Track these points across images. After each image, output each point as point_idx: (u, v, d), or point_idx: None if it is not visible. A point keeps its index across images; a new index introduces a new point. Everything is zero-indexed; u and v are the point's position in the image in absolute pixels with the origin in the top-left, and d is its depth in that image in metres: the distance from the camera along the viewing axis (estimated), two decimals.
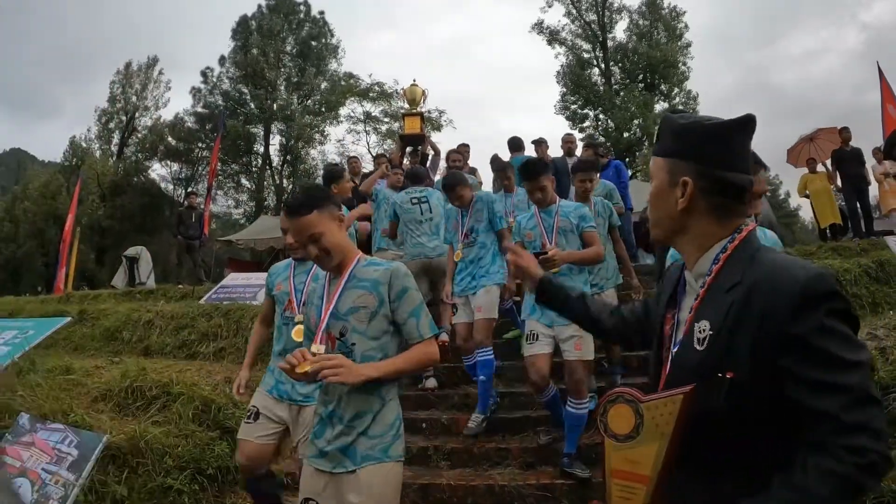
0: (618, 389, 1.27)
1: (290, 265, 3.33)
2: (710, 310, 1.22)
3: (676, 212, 1.29)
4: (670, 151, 1.32)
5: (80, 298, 10.03)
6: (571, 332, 3.96)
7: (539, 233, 4.22)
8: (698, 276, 1.29)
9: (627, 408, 1.23)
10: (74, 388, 4.87)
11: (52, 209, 27.63)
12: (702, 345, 1.19)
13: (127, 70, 32.47)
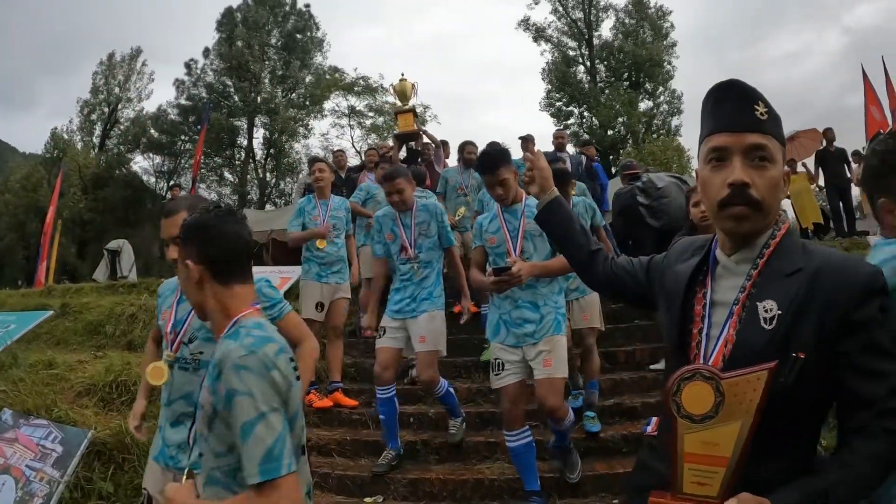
0: (693, 366, 1.22)
1: (177, 287, 2.41)
2: (773, 291, 1.23)
3: (784, 196, 1.33)
4: (781, 136, 1.30)
5: (62, 292, 9.89)
6: (539, 349, 3.48)
7: (503, 238, 3.62)
8: (743, 259, 1.30)
9: (706, 385, 1.17)
10: (58, 382, 4.83)
11: (34, 202, 27.21)
12: (769, 324, 1.20)
13: (110, 61, 32.00)
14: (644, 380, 5.32)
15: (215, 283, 1.61)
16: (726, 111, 1.29)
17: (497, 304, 3.63)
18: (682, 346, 1.33)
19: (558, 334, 3.55)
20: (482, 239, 3.73)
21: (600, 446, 4.40)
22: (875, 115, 12.35)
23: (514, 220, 3.61)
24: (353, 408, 5.24)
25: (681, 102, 31.57)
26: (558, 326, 3.56)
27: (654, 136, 30.27)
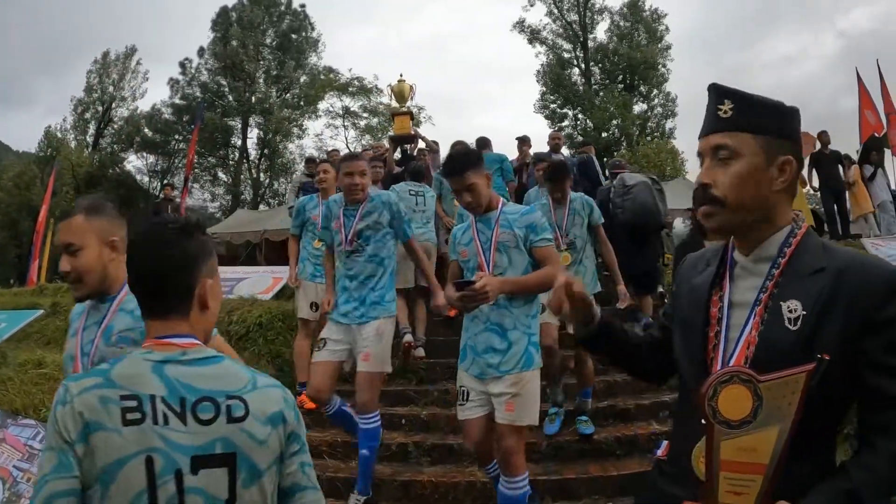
0: (730, 368, 1.18)
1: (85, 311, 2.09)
2: (796, 291, 1.21)
3: (771, 193, 1.25)
4: (765, 128, 1.25)
5: (53, 291, 9.79)
6: (503, 389, 2.95)
7: (474, 251, 3.14)
8: (760, 258, 1.27)
9: (743, 388, 1.14)
10: (47, 382, 4.77)
11: (26, 200, 27.02)
12: (794, 324, 1.18)
13: (104, 60, 31.84)
14: (638, 382, 5.29)
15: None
16: (704, 116, 1.33)
17: (466, 325, 3.19)
18: (701, 347, 1.30)
19: (528, 370, 2.98)
20: (456, 252, 3.29)
21: (594, 448, 4.39)
22: (869, 119, 12.40)
23: (487, 231, 3.10)
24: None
25: (675, 105, 31.70)
26: (529, 360, 3.00)
27: (649, 139, 30.34)
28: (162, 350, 1.34)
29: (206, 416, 1.29)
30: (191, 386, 1.30)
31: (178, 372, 1.31)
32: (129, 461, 1.23)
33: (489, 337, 3.02)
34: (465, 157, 3.09)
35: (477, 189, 3.03)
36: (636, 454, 4.36)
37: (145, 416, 1.25)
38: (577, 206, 4.72)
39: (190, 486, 1.25)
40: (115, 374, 1.29)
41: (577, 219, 4.70)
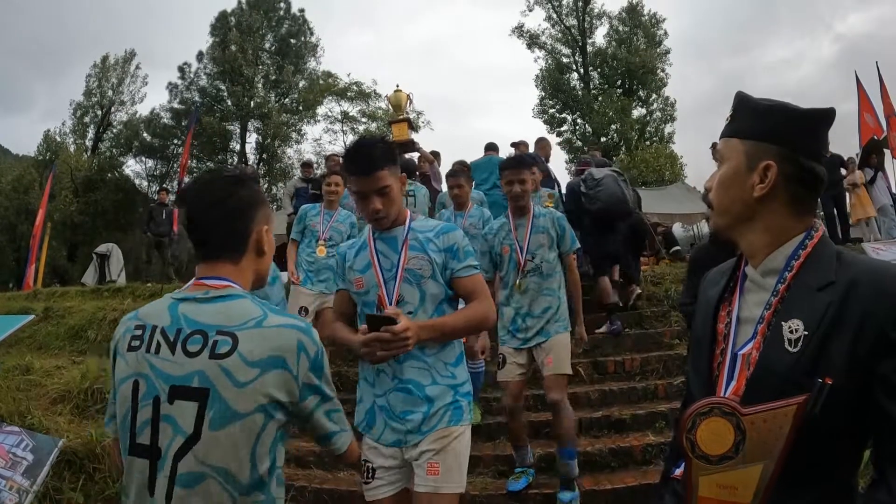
0: (710, 400, 1.11)
1: None
2: (800, 309, 1.11)
3: (751, 198, 1.19)
4: (750, 132, 1.20)
5: (47, 295, 9.78)
6: (424, 447, 2.24)
7: (373, 280, 2.35)
8: (768, 272, 1.19)
9: (724, 422, 1.07)
10: (33, 388, 4.73)
11: (25, 203, 26.99)
12: (794, 346, 1.08)
13: (104, 64, 31.84)
14: (634, 391, 5.23)
15: None
16: None
17: (370, 380, 2.36)
18: (707, 367, 1.24)
19: (456, 424, 2.30)
20: (346, 280, 2.44)
21: (586, 460, 4.28)
22: (869, 122, 12.40)
23: (391, 254, 2.33)
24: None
25: (674, 110, 31.75)
26: (457, 413, 2.31)
27: (648, 144, 30.33)
28: (192, 290, 1.43)
29: (193, 348, 1.33)
30: (192, 319, 1.37)
31: (188, 308, 1.39)
32: (123, 383, 1.37)
33: (406, 396, 2.27)
34: (375, 150, 2.26)
35: (390, 194, 2.26)
36: (631, 466, 4.28)
37: (142, 344, 1.37)
38: (545, 223, 3.94)
39: (164, 414, 1.30)
40: (143, 309, 1.46)
41: (544, 237, 3.90)
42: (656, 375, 5.53)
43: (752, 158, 1.19)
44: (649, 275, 8.09)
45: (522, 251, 3.89)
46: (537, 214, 3.97)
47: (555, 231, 3.95)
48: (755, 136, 1.20)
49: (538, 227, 3.93)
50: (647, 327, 6.50)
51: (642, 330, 6.41)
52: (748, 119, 1.22)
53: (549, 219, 3.97)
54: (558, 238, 3.95)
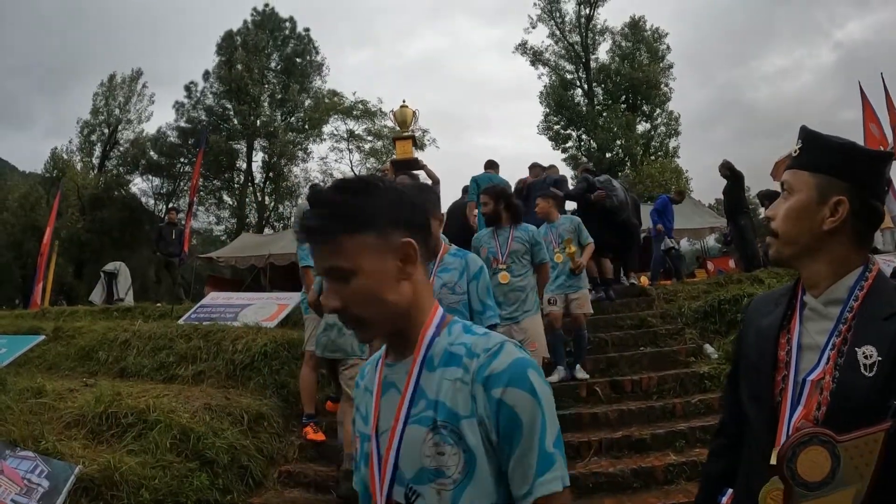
0: (809, 430, 1.15)
1: None
2: (871, 336, 1.16)
3: (820, 231, 1.23)
4: (824, 167, 1.25)
5: (56, 315, 9.73)
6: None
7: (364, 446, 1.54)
8: (830, 301, 1.23)
9: (822, 450, 1.12)
10: (46, 412, 4.65)
11: (31, 221, 27.14)
12: (870, 371, 1.13)
13: (111, 82, 32.14)
14: (652, 410, 5.16)
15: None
16: None
17: None
18: (767, 393, 1.27)
19: None
20: None
21: (609, 481, 4.22)
22: (874, 132, 12.36)
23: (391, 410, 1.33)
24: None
25: (678, 124, 31.81)
26: None
27: (653, 158, 30.33)
28: None
29: None
30: None
31: None
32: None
33: None
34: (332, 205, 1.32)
35: (360, 281, 1.26)
36: (653, 487, 4.21)
37: None
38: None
39: None
40: None
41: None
42: (673, 394, 5.48)
43: (824, 193, 1.23)
44: (661, 292, 8.05)
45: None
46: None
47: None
48: (828, 170, 1.25)
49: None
50: (661, 345, 6.45)
51: (657, 348, 6.36)
52: (819, 154, 1.27)
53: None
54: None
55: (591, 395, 5.52)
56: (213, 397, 5.07)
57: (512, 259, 4.76)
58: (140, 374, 6.30)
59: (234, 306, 8.01)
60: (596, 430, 4.95)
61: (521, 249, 4.78)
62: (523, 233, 4.84)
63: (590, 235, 6.01)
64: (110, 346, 6.93)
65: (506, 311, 4.63)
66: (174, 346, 6.47)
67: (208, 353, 6.21)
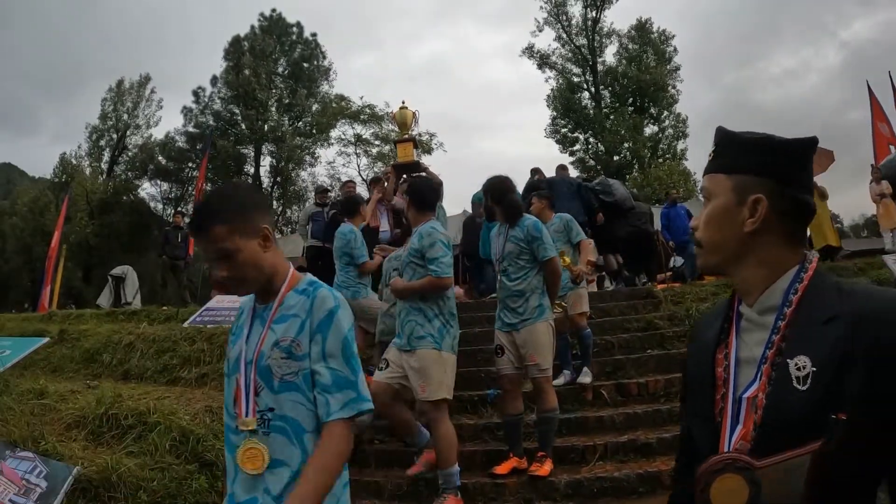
0: (723, 456, 1.07)
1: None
2: (806, 345, 1.06)
3: (743, 234, 1.15)
4: (738, 167, 1.18)
5: (62, 318, 9.74)
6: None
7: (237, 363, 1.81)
8: (765, 309, 1.14)
9: (738, 478, 1.02)
10: (47, 413, 4.64)
11: (40, 225, 27.34)
12: (803, 384, 1.03)
13: (119, 88, 32.40)
14: (658, 413, 5.08)
15: None
16: None
17: None
18: (709, 414, 1.17)
19: None
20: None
21: (614, 486, 4.15)
22: (883, 131, 12.30)
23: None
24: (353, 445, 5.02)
25: (686, 126, 31.72)
26: None
27: (660, 161, 30.22)
28: None
29: None
30: None
31: None
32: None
33: None
34: (212, 203, 1.76)
35: (237, 258, 1.68)
36: (659, 492, 4.11)
37: None
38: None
39: None
40: None
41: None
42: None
43: (741, 193, 1.16)
44: (669, 294, 7.97)
45: None
46: None
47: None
48: (742, 170, 1.18)
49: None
50: (668, 348, 6.35)
51: (664, 350, 6.26)
52: (733, 154, 1.20)
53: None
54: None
55: (596, 398, 5.44)
56: (214, 399, 5.02)
57: (508, 261, 4.41)
58: (143, 376, 6.28)
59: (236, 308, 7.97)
60: (601, 433, 4.87)
61: (516, 250, 4.37)
62: (519, 231, 4.41)
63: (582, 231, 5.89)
64: (115, 348, 6.92)
65: (507, 317, 4.38)
66: (178, 349, 6.45)
67: (212, 355, 6.17)
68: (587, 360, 5.68)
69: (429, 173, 8.67)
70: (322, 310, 1.72)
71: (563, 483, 4.15)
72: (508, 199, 4.52)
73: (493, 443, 4.84)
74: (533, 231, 4.37)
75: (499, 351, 4.37)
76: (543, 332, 4.30)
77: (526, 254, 4.37)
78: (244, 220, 1.71)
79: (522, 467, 4.30)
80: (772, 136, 1.18)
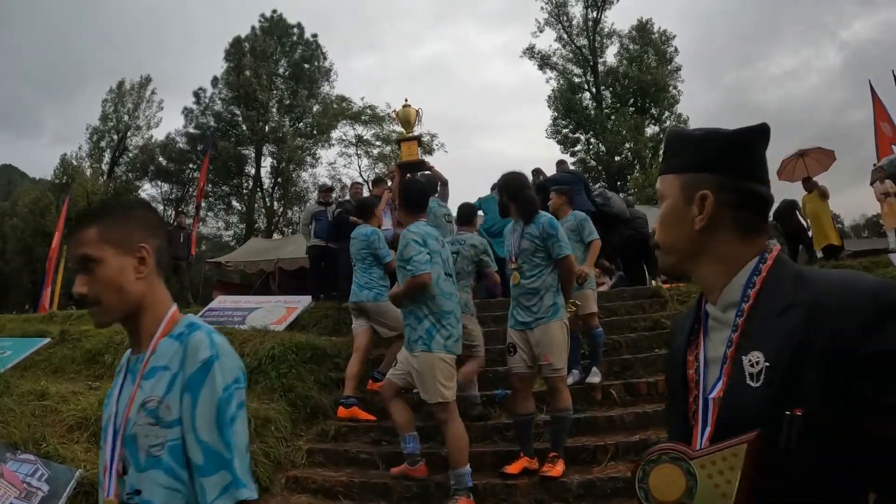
0: (659, 447, 1.07)
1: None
2: (760, 339, 1.02)
3: (694, 232, 1.13)
4: (684, 166, 1.17)
5: (63, 318, 9.67)
6: None
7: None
8: (728, 305, 1.11)
9: (674, 468, 1.02)
10: (49, 415, 4.58)
11: (41, 226, 27.36)
12: (757, 380, 0.99)
13: (120, 89, 32.39)
14: None
15: None
16: None
17: None
18: (683, 417, 1.15)
19: None
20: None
21: (627, 486, 4.06)
22: (886, 131, 12.25)
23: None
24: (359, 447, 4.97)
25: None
26: None
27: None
28: None
29: None
30: None
31: None
32: None
33: None
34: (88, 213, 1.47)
35: (100, 273, 1.37)
36: None
37: None
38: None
39: None
40: None
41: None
42: None
43: (688, 191, 1.15)
44: (675, 293, 7.91)
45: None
46: None
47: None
48: (688, 168, 1.16)
49: None
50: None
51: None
52: (681, 153, 1.19)
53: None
54: None
55: (605, 398, 5.36)
56: None
57: (522, 259, 4.31)
58: None
59: (243, 310, 7.92)
60: (612, 433, 4.80)
61: (531, 248, 4.28)
62: (535, 228, 4.31)
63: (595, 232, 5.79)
64: (117, 349, 6.84)
65: (520, 316, 4.29)
66: None
67: None
68: (596, 360, 5.61)
69: (434, 172, 8.55)
70: (195, 361, 1.31)
71: (575, 484, 4.08)
72: (524, 195, 4.42)
73: (502, 443, 4.76)
74: (548, 228, 4.29)
75: (511, 349, 4.29)
76: (558, 331, 4.21)
77: (541, 251, 4.28)
78: (121, 229, 1.39)
79: (533, 468, 4.23)
80: (716, 130, 1.16)
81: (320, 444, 5.02)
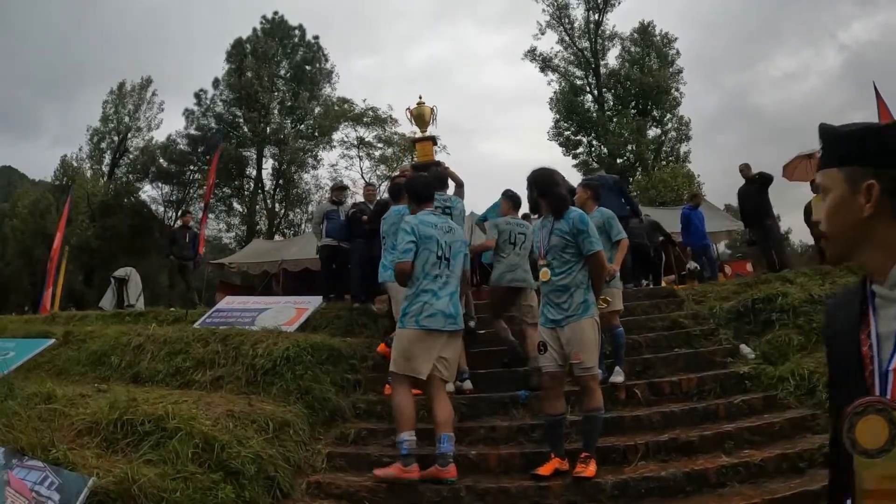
0: (865, 399, 1.15)
1: None
2: None
3: (862, 220, 1.22)
4: (847, 158, 1.26)
5: (66, 319, 9.52)
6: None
7: None
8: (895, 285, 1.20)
9: (878, 418, 1.12)
10: (56, 418, 4.39)
11: (41, 228, 27.24)
12: None
13: (120, 90, 32.32)
14: (694, 411, 4.92)
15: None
16: None
17: None
18: (855, 391, 1.22)
19: None
20: None
21: (660, 486, 3.94)
22: None
23: None
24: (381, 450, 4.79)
25: (689, 129, 31.59)
26: None
27: (664, 163, 30.09)
28: None
29: None
30: None
31: None
32: None
33: None
34: None
35: None
36: (706, 490, 3.95)
37: None
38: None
39: None
40: None
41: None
42: (714, 395, 5.27)
43: (854, 182, 1.24)
44: (690, 293, 7.82)
45: None
46: None
47: None
48: (851, 161, 1.25)
49: None
50: (696, 346, 6.22)
51: (692, 349, 6.12)
52: (839, 147, 1.28)
53: None
54: None
55: (629, 397, 5.26)
56: (235, 404, 4.79)
57: (552, 255, 4.25)
58: (154, 379, 6.04)
59: (251, 310, 7.77)
60: (640, 433, 4.68)
61: (560, 244, 4.21)
62: (564, 224, 4.25)
63: (623, 230, 5.70)
64: (123, 350, 6.69)
65: (550, 313, 4.20)
66: (190, 351, 6.21)
67: (227, 357, 5.94)
68: (619, 360, 5.48)
69: (450, 174, 8.34)
70: None
71: (609, 484, 3.95)
72: (555, 191, 4.36)
73: (529, 445, 4.61)
74: (579, 224, 4.22)
75: (542, 348, 4.18)
76: (589, 329, 4.13)
77: (571, 247, 4.20)
78: None
79: (565, 469, 4.11)
80: (869, 125, 1.26)
81: (340, 447, 4.86)
